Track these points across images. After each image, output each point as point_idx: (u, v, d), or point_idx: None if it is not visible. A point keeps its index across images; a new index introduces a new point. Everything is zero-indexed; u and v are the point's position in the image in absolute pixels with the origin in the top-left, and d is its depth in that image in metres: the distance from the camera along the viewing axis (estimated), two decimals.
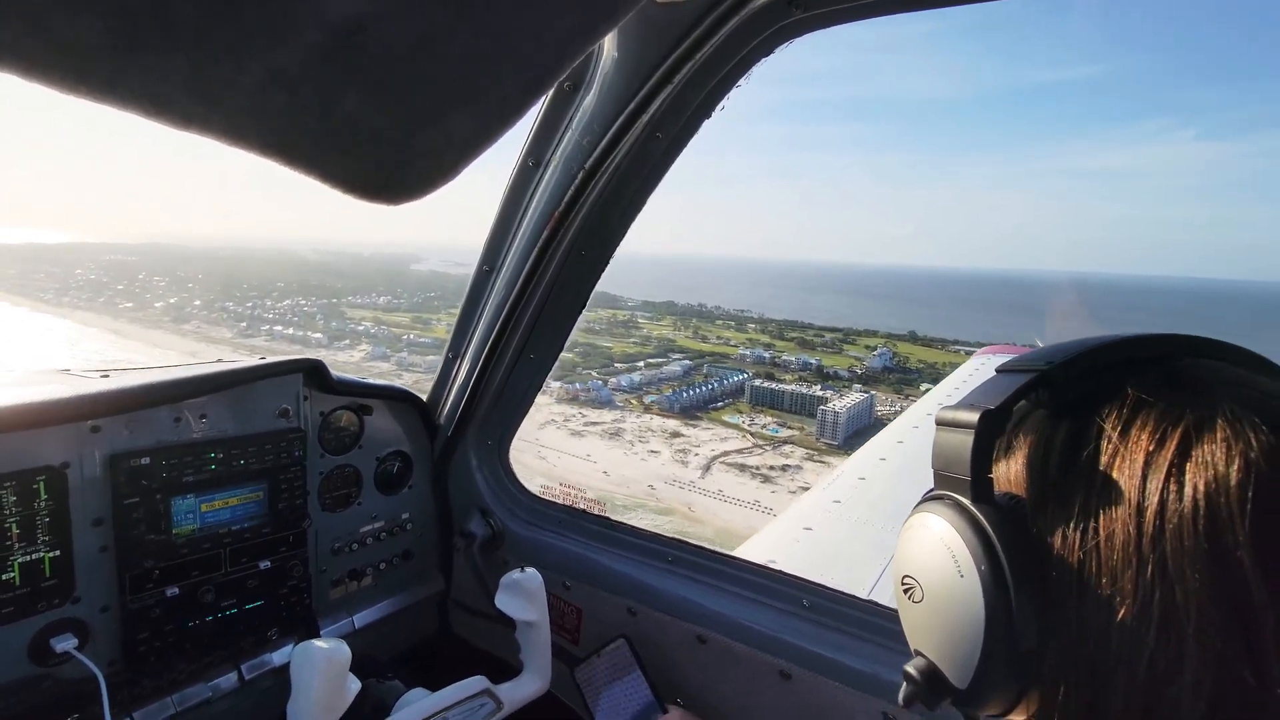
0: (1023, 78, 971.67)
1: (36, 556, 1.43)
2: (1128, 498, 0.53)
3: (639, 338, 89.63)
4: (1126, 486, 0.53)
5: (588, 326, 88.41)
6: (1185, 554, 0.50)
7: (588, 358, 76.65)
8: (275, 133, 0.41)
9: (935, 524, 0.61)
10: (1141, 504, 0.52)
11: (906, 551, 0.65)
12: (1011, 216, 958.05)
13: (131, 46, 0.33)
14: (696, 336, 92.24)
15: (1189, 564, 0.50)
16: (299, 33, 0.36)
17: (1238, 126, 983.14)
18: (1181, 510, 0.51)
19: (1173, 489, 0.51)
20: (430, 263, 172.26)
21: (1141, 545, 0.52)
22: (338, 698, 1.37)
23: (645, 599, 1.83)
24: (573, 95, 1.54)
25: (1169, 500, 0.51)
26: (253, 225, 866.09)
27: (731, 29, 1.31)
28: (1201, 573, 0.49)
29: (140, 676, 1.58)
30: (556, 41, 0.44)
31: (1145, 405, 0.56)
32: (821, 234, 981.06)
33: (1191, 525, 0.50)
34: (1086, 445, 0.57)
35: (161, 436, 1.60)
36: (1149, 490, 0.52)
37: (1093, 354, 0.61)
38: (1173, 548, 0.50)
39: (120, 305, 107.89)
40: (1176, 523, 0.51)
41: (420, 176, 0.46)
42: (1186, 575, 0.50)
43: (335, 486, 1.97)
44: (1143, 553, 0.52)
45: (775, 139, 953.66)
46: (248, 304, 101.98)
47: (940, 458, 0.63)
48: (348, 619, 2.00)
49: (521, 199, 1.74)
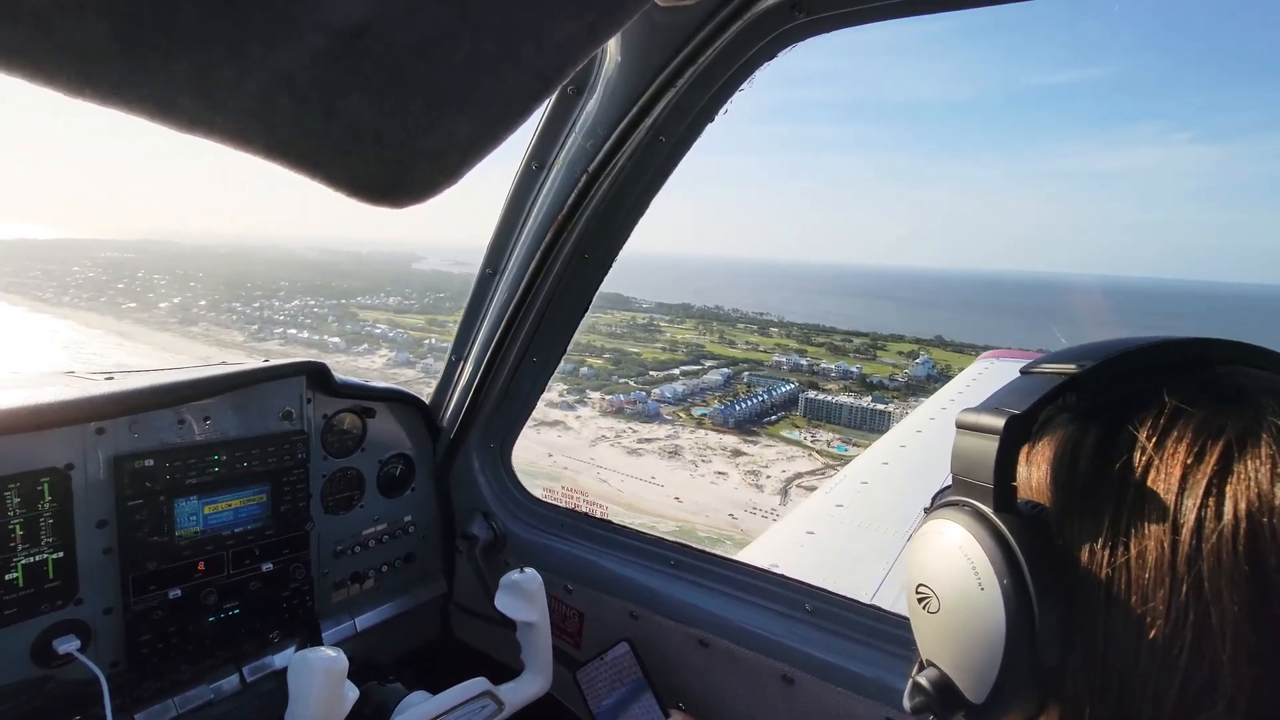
0: (1029, 80, 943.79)
1: (40, 558, 1.43)
2: (1163, 513, 0.50)
3: (664, 342, 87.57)
4: (1162, 501, 0.51)
5: (609, 330, 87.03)
6: (1223, 574, 0.47)
7: (620, 365, 75.12)
8: (279, 136, 0.41)
9: (954, 532, 0.59)
10: (1178, 520, 0.50)
11: (921, 559, 0.63)
12: (1019, 217, 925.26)
13: (136, 50, 0.33)
14: (722, 341, 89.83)
15: (1227, 585, 0.47)
16: (302, 36, 0.36)
17: (1236, 129, 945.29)
18: (1221, 529, 0.48)
19: (1211, 506, 0.49)
20: (430, 261, 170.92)
21: (1176, 564, 0.49)
22: (335, 707, 1.37)
23: (647, 603, 1.83)
24: (576, 99, 1.55)
25: (1207, 518, 0.49)
26: (248, 223, 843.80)
27: (735, 33, 1.31)
28: (1240, 595, 0.47)
29: (142, 678, 1.58)
30: (560, 45, 0.44)
31: (1183, 415, 0.53)
32: (823, 235, 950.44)
33: (1231, 545, 0.47)
34: (1118, 455, 0.54)
35: (165, 438, 1.60)
36: (1186, 507, 0.50)
37: (1127, 357, 0.58)
38: (1210, 568, 0.48)
39: (123, 305, 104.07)
40: (1215, 542, 0.48)
41: (424, 179, 0.46)
42: (1224, 597, 0.47)
43: (338, 489, 1.98)
44: (1177, 572, 0.49)
45: (776, 139, 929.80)
46: (255, 304, 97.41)
47: (961, 462, 0.60)
48: (350, 621, 2.00)
49: (525, 202, 1.74)
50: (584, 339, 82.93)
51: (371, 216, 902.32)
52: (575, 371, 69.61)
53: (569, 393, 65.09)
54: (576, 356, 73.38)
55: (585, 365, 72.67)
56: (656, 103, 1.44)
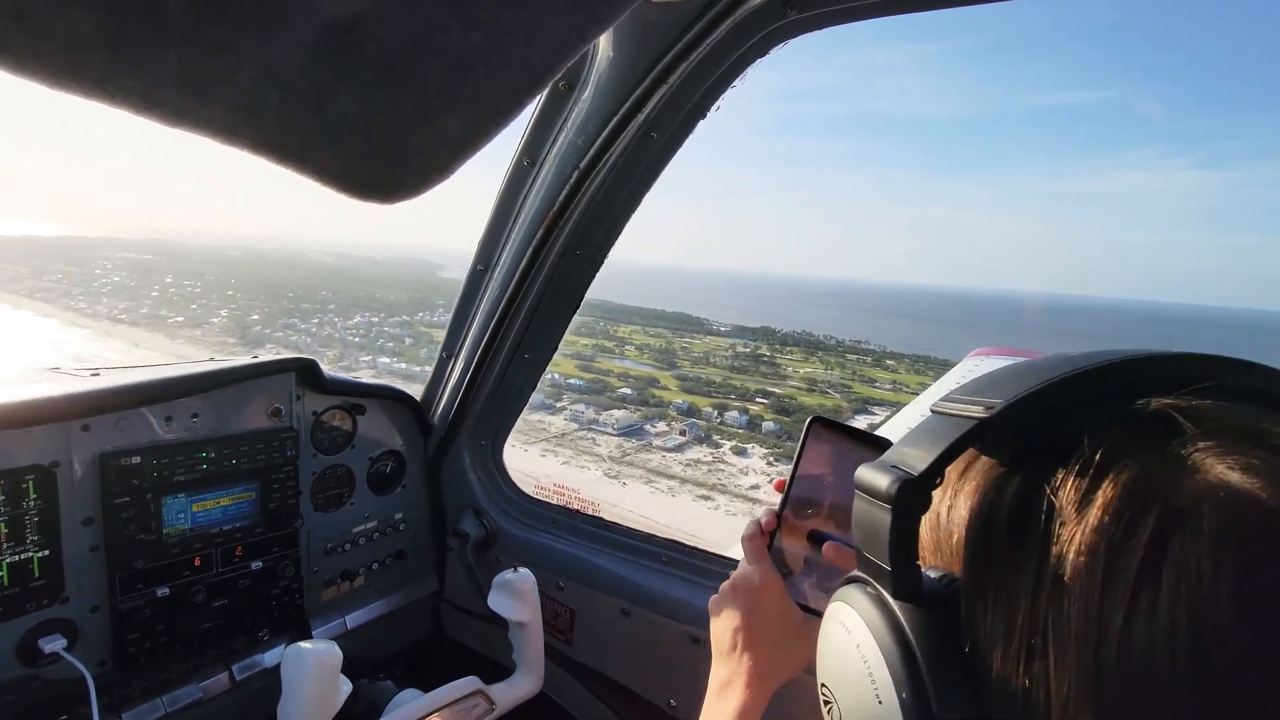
0: (1025, 100, 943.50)
1: (25, 556, 1.41)
2: (1086, 609, 0.40)
3: (799, 380, 78.38)
4: (1084, 591, 0.40)
5: (726, 362, 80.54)
6: (1161, 692, 0.38)
7: (718, 392, 69.42)
8: (268, 130, 0.40)
9: (853, 624, 0.50)
10: (1104, 620, 0.39)
11: (824, 652, 0.55)
12: (1021, 237, 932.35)
13: (122, 41, 0.32)
14: (862, 380, 77.08)
15: (1166, 705, 0.38)
16: (291, 30, 0.36)
17: (1232, 156, 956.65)
18: (1155, 630, 0.38)
19: (1143, 604, 0.38)
20: (452, 270, 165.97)
21: (1101, 679, 0.39)
22: (329, 700, 1.36)
23: (639, 599, 1.83)
24: (568, 94, 1.54)
25: (1138, 617, 0.38)
26: (252, 225, 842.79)
27: (727, 29, 1.31)
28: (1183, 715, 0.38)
29: (130, 677, 1.57)
30: (552, 40, 0.43)
31: (1111, 469, 0.42)
32: (824, 249, 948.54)
33: (1168, 650, 0.38)
34: (1035, 523, 0.44)
35: (153, 436, 1.59)
36: (1113, 602, 0.39)
37: (1047, 393, 0.46)
38: (1143, 684, 0.38)
39: (169, 319, 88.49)
40: (1147, 645, 0.38)
41: (415, 175, 0.46)
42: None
43: (328, 486, 1.97)
44: (1102, 687, 0.39)
45: (777, 154, 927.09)
46: (314, 320, 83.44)
47: (859, 531, 0.50)
48: (340, 619, 1.99)
49: (516, 198, 1.74)
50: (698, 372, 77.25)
51: (371, 219, 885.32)
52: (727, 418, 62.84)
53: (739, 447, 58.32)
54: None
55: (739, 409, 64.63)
56: (648, 99, 1.43)
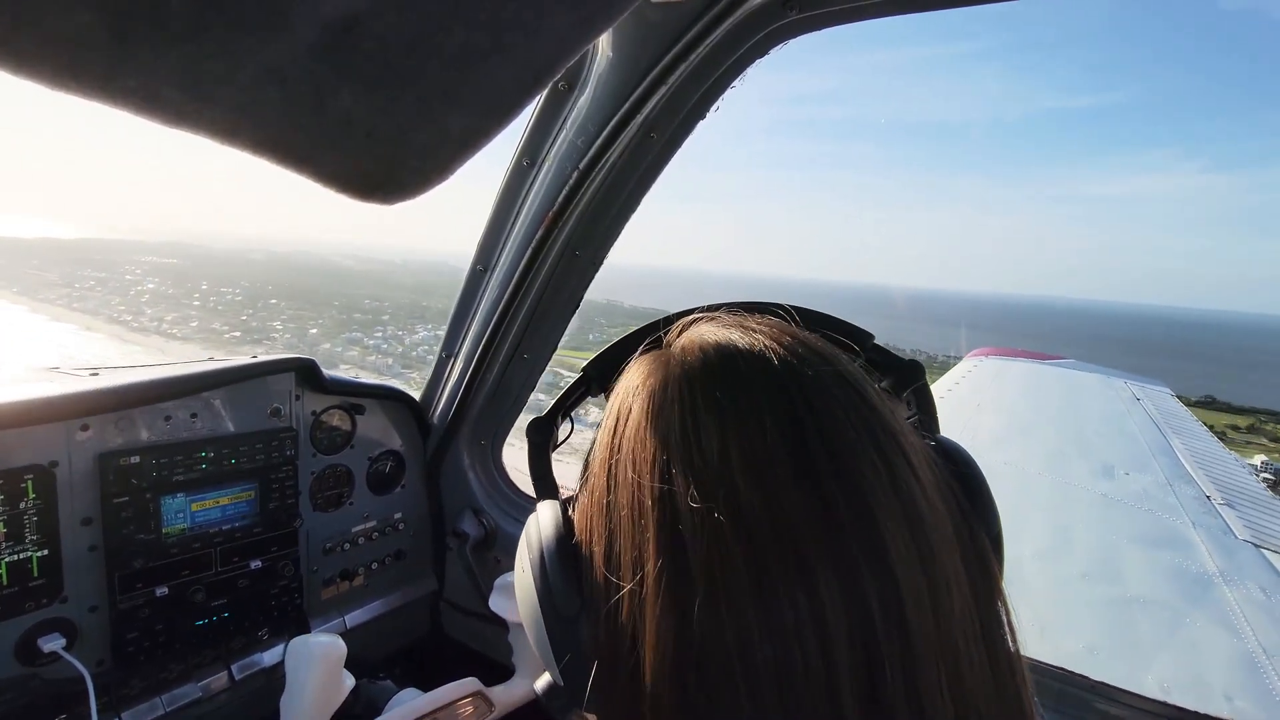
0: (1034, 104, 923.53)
1: (24, 556, 1.41)
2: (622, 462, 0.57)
3: None
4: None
5: None
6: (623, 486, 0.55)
7: None
8: (268, 130, 0.40)
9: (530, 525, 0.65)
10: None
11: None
12: (1028, 241, 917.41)
13: (125, 42, 0.32)
14: None
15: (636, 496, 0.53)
16: (292, 29, 0.36)
17: (1241, 159, 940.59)
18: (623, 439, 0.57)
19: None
20: None
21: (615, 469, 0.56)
22: (333, 693, 1.35)
23: None
24: (568, 94, 1.54)
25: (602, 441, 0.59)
26: (270, 228, 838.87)
27: (727, 29, 1.31)
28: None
29: (129, 677, 1.57)
30: (552, 40, 0.43)
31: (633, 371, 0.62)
32: (824, 249, 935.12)
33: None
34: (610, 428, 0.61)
35: (152, 435, 1.59)
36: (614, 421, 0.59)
37: (623, 344, 0.68)
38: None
39: (226, 335, 76.64)
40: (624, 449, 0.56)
41: (415, 175, 0.46)
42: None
43: (327, 486, 1.97)
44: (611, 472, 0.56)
45: (778, 154, 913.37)
46: (376, 332, 76.75)
47: None
48: (339, 619, 1.99)
49: (516, 198, 1.74)
50: None
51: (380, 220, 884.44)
52: None
53: None
54: None
55: None
56: (648, 99, 1.43)
